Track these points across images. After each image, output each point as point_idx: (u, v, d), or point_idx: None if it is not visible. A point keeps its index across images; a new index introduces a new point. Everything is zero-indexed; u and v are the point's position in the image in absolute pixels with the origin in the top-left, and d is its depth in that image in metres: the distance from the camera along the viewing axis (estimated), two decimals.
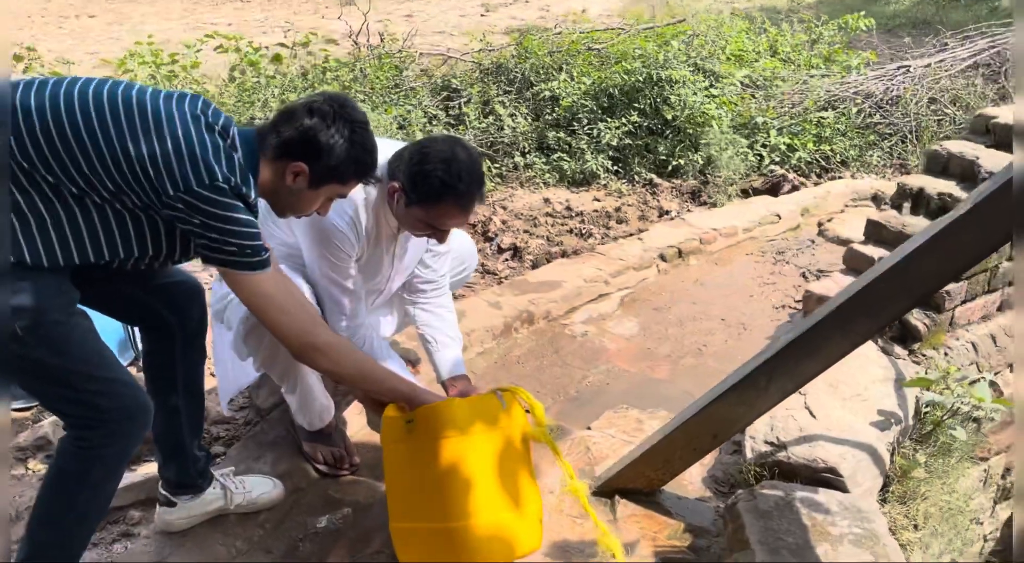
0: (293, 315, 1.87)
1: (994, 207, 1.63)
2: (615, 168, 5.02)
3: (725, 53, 6.21)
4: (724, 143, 5.01)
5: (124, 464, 1.85)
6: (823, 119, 5.56)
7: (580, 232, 4.37)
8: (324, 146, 1.81)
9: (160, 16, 10.38)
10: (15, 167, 1.61)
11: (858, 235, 3.85)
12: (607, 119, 5.13)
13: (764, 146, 5.33)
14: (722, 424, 2.18)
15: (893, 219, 3.00)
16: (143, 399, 1.81)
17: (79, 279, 1.74)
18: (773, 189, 4.96)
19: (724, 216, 4.46)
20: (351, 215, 2.20)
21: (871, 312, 1.91)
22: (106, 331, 2.03)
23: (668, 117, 5.07)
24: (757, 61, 6.33)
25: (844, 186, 4.95)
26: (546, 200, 4.74)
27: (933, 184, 3.00)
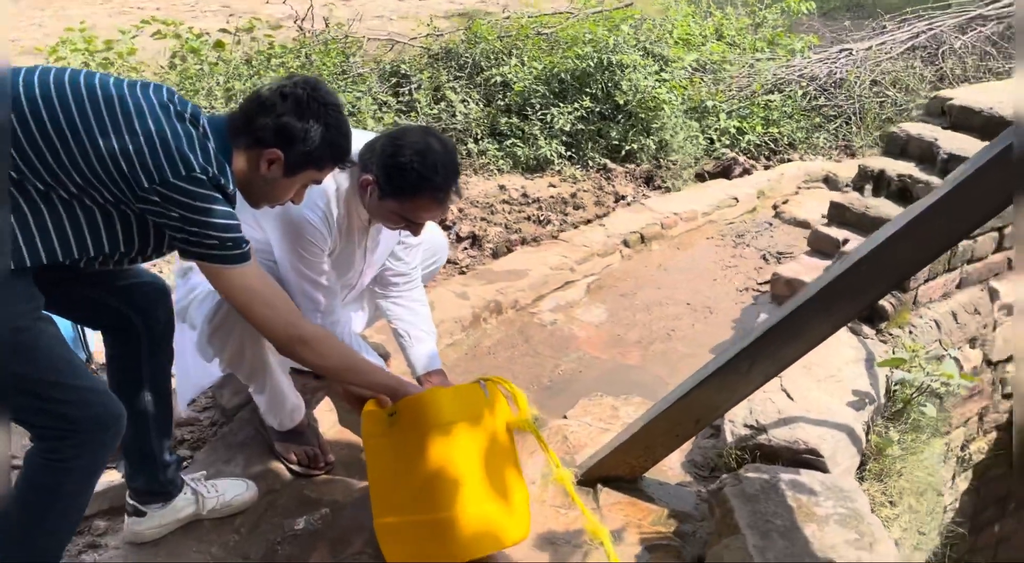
0: (278, 308, 1.80)
1: (995, 170, 1.64)
2: (568, 153, 4.99)
3: (673, 37, 6.23)
4: (676, 127, 5.03)
5: (97, 476, 1.76)
6: (770, 102, 5.63)
7: (538, 219, 4.33)
8: (299, 131, 1.74)
9: (83, 1, 9.93)
10: None
11: (814, 216, 3.93)
12: (559, 104, 5.08)
13: (715, 130, 5.37)
14: (704, 409, 2.19)
15: (856, 201, 3.05)
16: (114, 407, 1.72)
17: (43, 281, 1.64)
18: (725, 172, 5.00)
19: (683, 200, 4.48)
20: (323, 208, 2.12)
21: (853, 294, 1.94)
22: None
23: (620, 102, 5.06)
24: (704, 45, 6.37)
25: (796, 168, 5.02)
26: (502, 187, 4.69)
27: (893, 166, 3.06)
